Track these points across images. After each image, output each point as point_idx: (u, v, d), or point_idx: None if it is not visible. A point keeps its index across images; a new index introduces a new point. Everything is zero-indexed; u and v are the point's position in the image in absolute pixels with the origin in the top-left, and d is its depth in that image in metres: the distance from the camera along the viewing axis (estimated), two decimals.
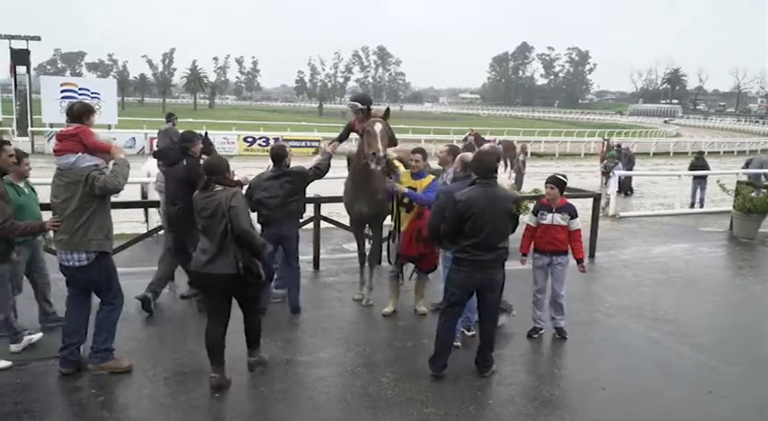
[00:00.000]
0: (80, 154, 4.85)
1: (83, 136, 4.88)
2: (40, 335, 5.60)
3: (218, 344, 4.93)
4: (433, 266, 6.60)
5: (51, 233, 5.48)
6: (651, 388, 5.36)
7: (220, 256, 4.72)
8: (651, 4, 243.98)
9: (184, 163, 6.46)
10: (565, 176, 6.38)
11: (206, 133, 12.50)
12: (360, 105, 7.00)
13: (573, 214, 6.23)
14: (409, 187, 6.39)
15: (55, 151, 4.97)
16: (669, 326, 6.85)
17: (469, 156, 5.96)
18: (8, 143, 5.41)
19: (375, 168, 6.33)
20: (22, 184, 5.70)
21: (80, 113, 4.98)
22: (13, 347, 5.48)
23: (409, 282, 6.89)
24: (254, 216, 5.84)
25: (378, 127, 6.33)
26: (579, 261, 6.29)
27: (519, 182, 17.62)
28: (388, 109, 6.90)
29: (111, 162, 5.05)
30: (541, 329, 6.38)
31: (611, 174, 15.64)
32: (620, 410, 4.99)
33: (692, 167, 17.71)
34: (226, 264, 4.71)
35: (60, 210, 4.91)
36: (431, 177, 6.46)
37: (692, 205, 16.85)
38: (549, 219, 6.19)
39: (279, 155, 6.53)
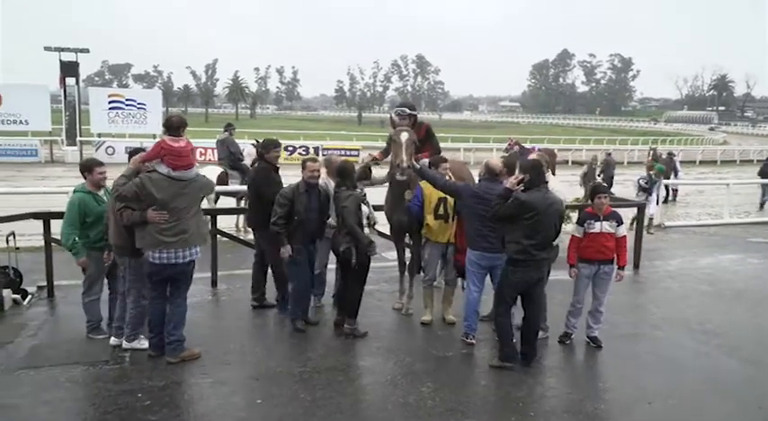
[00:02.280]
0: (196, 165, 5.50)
1: (193, 150, 5.46)
2: (146, 344, 5.73)
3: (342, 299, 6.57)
4: None
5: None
6: (699, 402, 5.23)
7: (337, 238, 6.20)
8: (697, 8, 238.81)
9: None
10: (605, 183, 6.38)
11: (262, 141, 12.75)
12: (408, 111, 6.83)
13: (620, 221, 6.26)
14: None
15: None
16: (717, 339, 6.67)
17: (495, 162, 6.23)
18: (143, 150, 5.73)
19: (401, 178, 6.34)
20: (101, 193, 5.87)
21: (179, 125, 5.42)
22: (123, 343, 5.73)
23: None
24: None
25: (404, 136, 6.30)
26: (620, 268, 6.28)
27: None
28: (414, 117, 6.82)
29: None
30: (572, 334, 6.41)
31: (653, 189, 13.64)
32: None
33: (762, 172, 18.30)
34: (337, 245, 6.18)
35: (181, 215, 5.27)
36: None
37: (762, 206, 17.31)
38: (597, 227, 6.16)
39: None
